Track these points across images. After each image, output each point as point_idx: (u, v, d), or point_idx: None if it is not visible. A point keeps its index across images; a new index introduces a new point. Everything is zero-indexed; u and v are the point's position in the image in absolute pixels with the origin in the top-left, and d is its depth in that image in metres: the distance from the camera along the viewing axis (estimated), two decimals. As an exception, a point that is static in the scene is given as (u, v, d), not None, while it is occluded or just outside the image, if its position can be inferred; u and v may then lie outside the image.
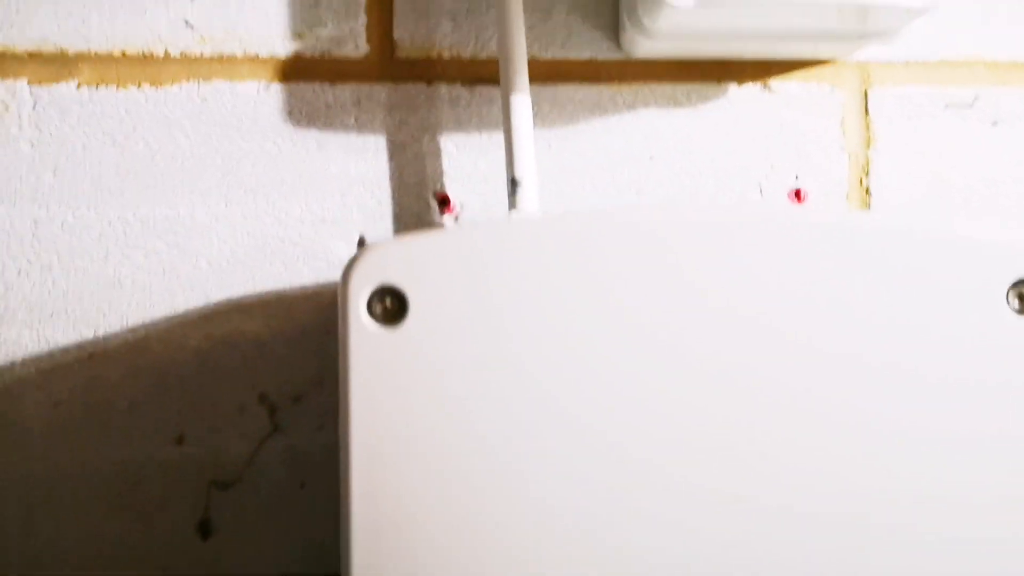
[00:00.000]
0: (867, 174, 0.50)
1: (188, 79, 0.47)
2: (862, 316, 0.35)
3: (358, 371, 0.34)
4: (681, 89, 0.49)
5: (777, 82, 0.50)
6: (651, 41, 0.46)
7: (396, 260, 0.34)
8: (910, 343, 0.35)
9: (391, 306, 0.34)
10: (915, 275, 0.35)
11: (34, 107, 0.46)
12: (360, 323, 0.34)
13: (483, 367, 0.34)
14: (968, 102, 0.50)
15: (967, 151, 0.50)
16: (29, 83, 0.46)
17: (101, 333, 0.46)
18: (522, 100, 0.45)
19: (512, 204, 0.44)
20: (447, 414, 0.34)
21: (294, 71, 0.48)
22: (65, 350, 0.46)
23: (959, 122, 0.50)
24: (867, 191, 0.50)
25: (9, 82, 0.46)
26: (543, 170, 0.48)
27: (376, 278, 0.34)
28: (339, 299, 0.34)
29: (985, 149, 0.50)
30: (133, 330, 0.47)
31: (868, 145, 0.50)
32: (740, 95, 0.49)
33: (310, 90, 0.48)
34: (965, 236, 0.36)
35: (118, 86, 0.47)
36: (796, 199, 0.49)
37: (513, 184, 0.44)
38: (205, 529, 0.46)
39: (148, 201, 0.47)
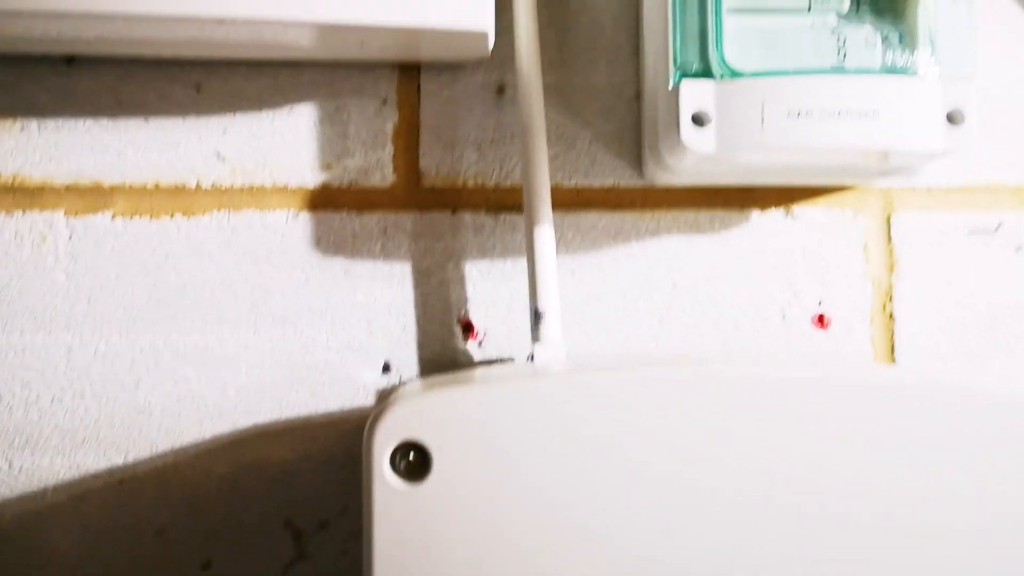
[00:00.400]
0: (891, 300, 0.50)
1: (219, 209, 0.48)
2: (888, 473, 0.35)
3: (381, 526, 0.34)
4: (704, 215, 0.50)
5: (800, 208, 0.50)
6: (673, 175, 0.46)
7: (420, 416, 0.34)
8: (934, 500, 0.35)
9: (414, 460, 0.34)
10: (939, 432, 0.35)
11: (70, 238, 0.48)
12: (384, 479, 0.34)
13: (507, 525, 0.34)
14: (991, 228, 0.50)
15: (991, 277, 0.50)
16: (66, 215, 0.48)
17: (131, 459, 0.47)
18: (545, 231, 0.45)
19: (535, 336, 0.45)
20: (471, 572, 0.34)
21: (322, 200, 0.49)
22: (96, 476, 0.47)
23: (983, 248, 0.50)
24: (891, 317, 0.50)
25: (47, 214, 0.48)
26: (566, 297, 0.49)
27: (400, 434, 0.34)
28: (363, 453, 0.35)
29: (1009, 275, 0.50)
30: (162, 456, 0.47)
31: (891, 271, 0.50)
32: (763, 221, 0.50)
33: (337, 219, 0.49)
34: (990, 392, 0.36)
35: (151, 217, 0.48)
36: (819, 324, 0.49)
37: (536, 315, 0.45)
38: (229, 658, 0.46)
39: (178, 329, 0.48)
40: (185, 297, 0.48)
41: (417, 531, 0.34)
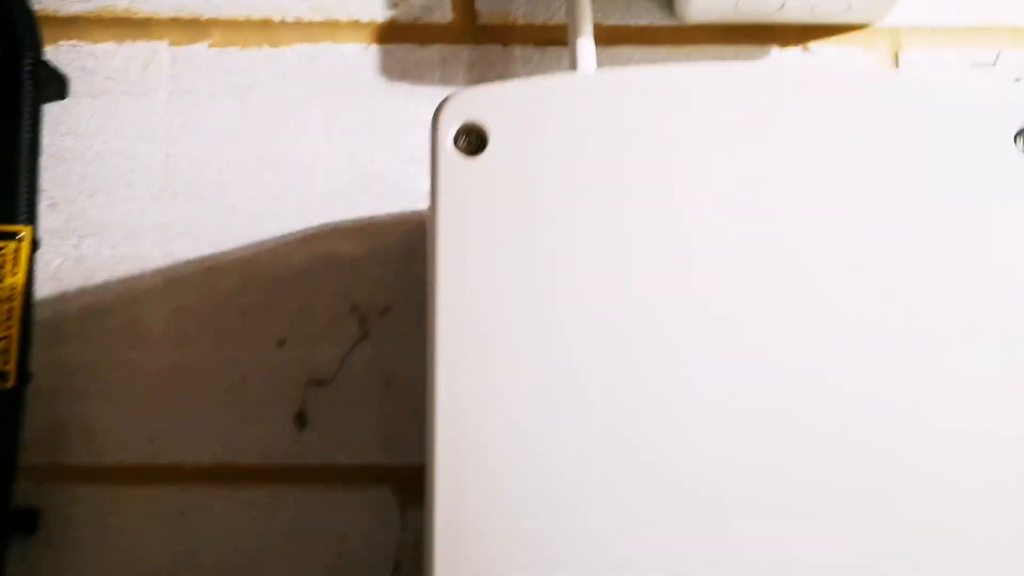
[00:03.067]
0: (901, 121, 0.55)
1: (301, 41, 0.55)
2: (892, 168, 0.40)
3: (445, 194, 0.39)
4: (728, 51, 0.56)
5: (816, 45, 0.56)
6: (697, 9, 0.53)
7: (479, 102, 0.40)
8: (924, 190, 0.40)
9: (473, 141, 0.40)
10: (930, 127, 0.40)
11: (172, 63, 0.55)
12: (447, 154, 0.40)
13: (553, 195, 0.39)
14: (990, 61, 0.56)
15: (992, 100, 0.55)
16: (170, 44, 0.55)
17: (218, 250, 0.53)
18: (586, 43, 0.51)
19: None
20: (525, 238, 0.39)
21: (389, 34, 0.55)
22: (187, 263, 0.53)
23: (985, 80, 0.55)
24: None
25: (153, 43, 0.55)
26: (606, 116, 0.54)
27: (461, 116, 0.40)
28: (431, 135, 0.40)
29: (1009, 99, 0.55)
30: (245, 248, 0.53)
31: (900, 97, 0.55)
32: (782, 57, 0.56)
33: (403, 50, 0.55)
34: (974, 90, 0.41)
35: (242, 47, 0.55)
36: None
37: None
38: (301, 421, 0.51)
39: (262, 142, 0.54)
40: (270, 115, 0.54)
41: (475, 199, 0.39)
